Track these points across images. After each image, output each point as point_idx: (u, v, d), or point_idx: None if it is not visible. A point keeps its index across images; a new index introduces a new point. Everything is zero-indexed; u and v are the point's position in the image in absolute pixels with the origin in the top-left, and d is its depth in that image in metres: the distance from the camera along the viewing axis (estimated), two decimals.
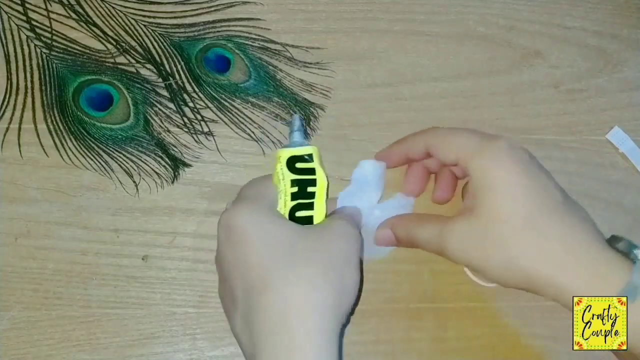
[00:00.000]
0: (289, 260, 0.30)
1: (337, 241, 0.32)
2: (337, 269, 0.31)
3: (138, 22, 0.42)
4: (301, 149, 0.35)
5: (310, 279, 0.30)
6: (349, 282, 0.31)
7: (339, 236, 0.33)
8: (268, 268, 0.30)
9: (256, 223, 0.31)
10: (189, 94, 0.41)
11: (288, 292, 0.29)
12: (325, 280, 0.30)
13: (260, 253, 0.30)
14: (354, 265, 0.32)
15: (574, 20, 0.44)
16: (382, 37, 0.43)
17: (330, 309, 0.29)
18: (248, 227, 0.31)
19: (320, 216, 0.35)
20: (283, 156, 0.34)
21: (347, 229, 0.33)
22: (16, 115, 0.40)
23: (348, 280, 0.31)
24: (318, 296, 0.29)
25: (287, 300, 0.29)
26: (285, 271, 0.30)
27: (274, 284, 0.29)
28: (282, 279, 0.29)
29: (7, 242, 0.38)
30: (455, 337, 0.39)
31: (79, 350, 0.37)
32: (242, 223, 0.31)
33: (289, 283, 0.29)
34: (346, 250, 0.32)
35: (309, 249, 0.31)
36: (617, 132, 0.42)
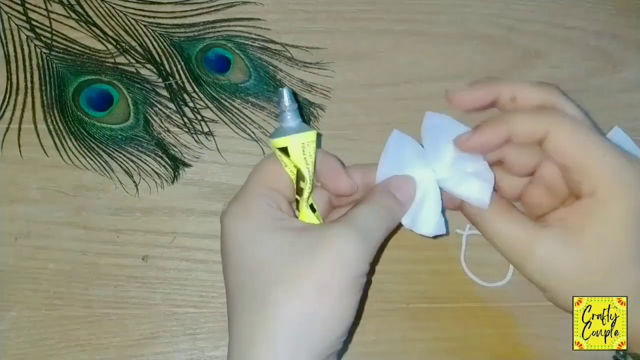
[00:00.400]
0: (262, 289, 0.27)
1: (323, 262, 0.27)
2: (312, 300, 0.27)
3: (138, 22, 0.42)
4: (277, 140, 0.30)
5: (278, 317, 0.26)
6: (330, 314, 0.27)
7: (328, 253, 0.27)
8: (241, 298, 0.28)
9: (239, 231, 0.29)
10: (189, 94, 0.41)
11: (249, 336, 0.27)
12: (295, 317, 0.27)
13: (237, 274, 0.28)
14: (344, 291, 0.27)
15: (574, 20, 0.44)
16: (382, 37, 0.43)
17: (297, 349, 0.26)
18: (232, 234, 0.29)
19: (305, 219, 0.31)
20: (272, 144, 0.31)
21: (343, 243, 0.28)
22: (16, 115, 0.40)
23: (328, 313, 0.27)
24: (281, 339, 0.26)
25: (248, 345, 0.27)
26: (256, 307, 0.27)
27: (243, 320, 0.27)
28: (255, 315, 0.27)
29: (7, 242, 0.38)
30: (455, 337, 0.39)
31: (79, 350, 0.37)
32: (229, 228, 0.29)
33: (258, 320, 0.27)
34: (333, 270, 0.27)
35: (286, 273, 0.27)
36: (617, 132, 0.42)
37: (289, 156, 0.30)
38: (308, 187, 0.30)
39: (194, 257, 0.39)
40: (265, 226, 0.29)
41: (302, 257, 0.27)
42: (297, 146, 0.30)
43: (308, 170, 0.30)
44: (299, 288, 0.27)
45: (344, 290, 0.27)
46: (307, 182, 0.30)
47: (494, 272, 0.39)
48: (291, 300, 0.27)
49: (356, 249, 0.28)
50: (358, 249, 0.28)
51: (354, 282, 0.28)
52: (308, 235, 0.28)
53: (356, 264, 0.28)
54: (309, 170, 0.30)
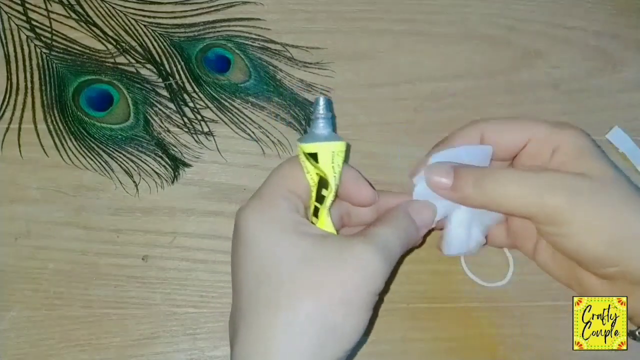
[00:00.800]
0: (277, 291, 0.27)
1: (347, 274, 0.27)
2: (336, 309, 0.27)
3: (138, 22, 0.42)
4: (307, 145, 0.30)
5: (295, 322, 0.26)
6: (349, 327, 0.27)
7: (353, 267, 0.27)
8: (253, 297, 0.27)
9: (259, 231, 0.28)
10: (189, 94, 0.41)
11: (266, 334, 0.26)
12: (314, 325, 0.26)
13: (251, 272, 0.28)
14: (362, 306, 0.27)
15: (574, 20, 0.44)
16: (382, 37, 0.43)
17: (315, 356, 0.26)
18: (250, 233, 0.28)
19: (323, 227, 0.31)
20: (300, 150, 0.31)
21: (369, 259, 0.27)
22: (16, 115, 0.40)
23: (348, 325, 0.27)
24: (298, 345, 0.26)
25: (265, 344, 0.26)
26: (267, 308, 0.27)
27: (253, 321, 0.27)
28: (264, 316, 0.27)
29: (7, 242, 0.38)
30: (455, 337, 0.39)
31: (79, 350, 0.37)
32: (247, 226, 0.29)
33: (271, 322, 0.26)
34: (357, 285, 0.27)
35: (306, 279, 0.27)
36: (617, 132, 0.42)
37: (317, 162, 0.30)
38: (332, 196, 0.30)
39: (194, 257, 0.39)
40: (287, 227, 0.28)
41: (327, 265, 0.27)
42: (327, 154, 0.30)
43: (334, 179, 0.30)
44: (326, 296, 0.27)
45: (364, 305, 0.27)
46: (332, 191, 0.30)
47: (494, 272, 0.39)
48: (316, 306, 0.26)
49: (380, 265, 0.28)
50: (381, 266, 0.28)
51: (373, 298, 0.28)
52: (332, 245, 0.28)
53: (377, 280, 0.28)
54: (335, 179, 0.30)
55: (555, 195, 0.29)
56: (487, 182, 0.30)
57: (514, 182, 0.30)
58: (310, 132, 0.31)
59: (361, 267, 0.27)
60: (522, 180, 0.30)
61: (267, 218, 0.29)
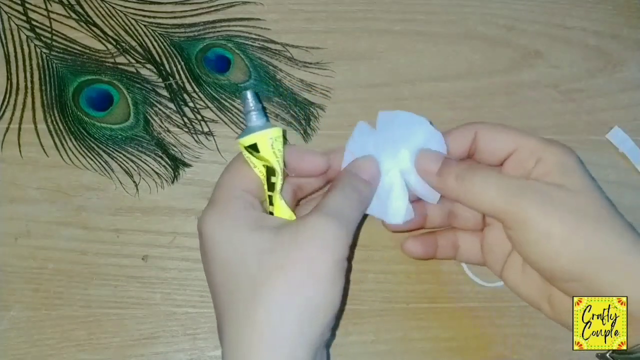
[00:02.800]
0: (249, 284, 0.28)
1: (307, 249, 0.28)
2: (305, 287, 0.27)
3: (138, 22, 0.42)
4: (245, 139, 0.31)
5: (272, 307, 0.27)
6: (323, 300, 0.28)
7: (310, 241, 0.28)
8: (230, 296, 0.28)
9: (220, 235, 0.29)
10: (189, 94, 0.41)
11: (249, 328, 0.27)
12: (290, 304, 0.27)
13: (223, 274, 0.29)
14: (330, 276, 0.28)
15: (574, 20, 0.44)
16: (382, 37, 0.43)
17: (299, 336, 0.27)
18: (212, 239, 0.29)
19: (280, 214, 0.32)
20: (241, 147, 0.32)
21: (323, 229, 0.28)
22: (16, 115, 0.40)
23: (321, 298, 0.28)
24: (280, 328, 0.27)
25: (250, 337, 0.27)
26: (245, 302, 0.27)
27: (234, 318, 0.28)
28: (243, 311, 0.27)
29: (7, 242, 0.38)
30: (455, 337, 0.39)
31: (79, 350, 0.37)
32: (208, 233, 0.30)
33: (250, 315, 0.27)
34: (318, 257, 0.28)
35: (272, 265, 0.28)
36: (617, 132, 0.42)
37: (258, 152, 0.31)
38: (280, 180, 0.31)
39: (194, 257, 0.39)
40: (243, 226, 0.29)
41: (287, 248, 0.28)
42: (266, 142, 0.31)
43: (278, 163, 0.31)
44: (291, 274, 0.27)
45: (328, 276, 0.28)
46: (279, 175, 0.31)
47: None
48: (286, 289, 0.27)
49: (336, 233, 0.28)
50: (338, 233, 0.28)
51: (339, 266, 0.28)
52: (289, 229, 0.29)
53: (338, 247, 0.28)
54: (279, 163, 0.31)
55: (527, 200, 0.30)
56: (468, 177, 0.31)
57: (492, 182, 0.31)
58: (247, 127, 0.32)
59: (318, 239, 0.28)
60: (499, 181, 0.31)
61: (224, 221, 0.30)
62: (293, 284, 0.27)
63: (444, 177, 0.32)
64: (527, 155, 0.32)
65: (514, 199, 0.30)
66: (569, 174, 0.31)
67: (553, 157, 0.32)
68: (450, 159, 0.33)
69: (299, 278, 0.27)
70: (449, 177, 0.32)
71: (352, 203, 0.31)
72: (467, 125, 0.34)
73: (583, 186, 0.31)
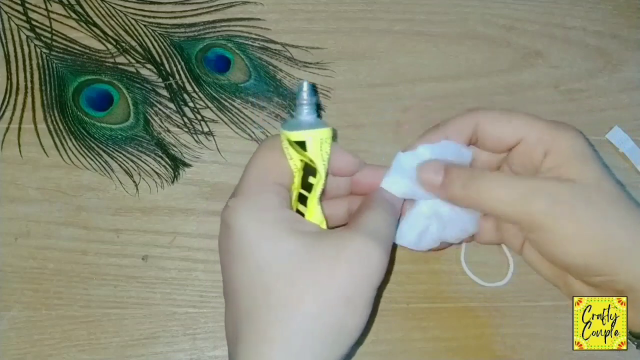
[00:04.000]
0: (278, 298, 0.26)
1: (349, 268, 0.26)
2: (338, 308, 0.26)
3: (138, 22, 0.42)
4: (295, 134, 0.29)
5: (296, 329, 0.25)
6: (352, 324, 0.26)
7: (352, 261, 0.26)
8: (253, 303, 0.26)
9: (251, 231, 0.27)
10: (189, 94, 0.41)
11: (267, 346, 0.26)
12: (317, 328, 0.26)
13: (250, 278, 0.27)
14: (364, 301, 0.27)
15: (574, 20, 0.44)
16: (382, 37, 0.43)
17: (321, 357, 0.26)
18: (242, 235, 0.27)
19: (312, 217, 0.30)
20: (283, 137, 0.30)
21: (367, 251, 0.27)
22: (16, 115, 0.40)
23: (351, 322, 0.26)
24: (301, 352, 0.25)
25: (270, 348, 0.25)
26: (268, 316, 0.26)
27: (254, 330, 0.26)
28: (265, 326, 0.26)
29: (7, 242, 0.38)
30: (455, 337, 0.39)
31: (79, 350, 0.37)
32: (237, 227, 0.27)
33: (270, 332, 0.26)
34: (358, 281, 0.26)
35: (307, 279, 0.26)
36: (617, 132, 0.42)
37: (305, 151, 0.29)
38: (322, 184, 0.29)
39: (194, 257, 0.39)
40: (281, 227, 0.27)
41: (325, 264, 0.26)
42: (316, 142, 0.28)
43: (324, 166, 0.29)
44: (325, 296, 0.26)
45: (365, 301, 0.27)
46: (322, 178, 0.29)
47: (494, 272, 0.39)
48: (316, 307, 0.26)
49: (379, 256, 0.27)
50: (381, 257, 0.27)
51: (373, 292, 0.27)
52: (328, 241, 0.27)
53: (378, 272, 0.27)
54: (324, 167, 0.29)
55: (537, 202, 0.29)
56: (474, 185, 0.31)
57: (500, 186, 0.30)
58: (295, 118, 0.30)
59: (361, 262, 0.27)
60: (507, 185, 0.30)
61: (261, 217, 0.27)
62: (326, 305, 0.26)
63: (450, 188, 0.31)
64: (534, 145, 0.31)
65: (524, 204, 0.29)
66: (579, 165, 0.30)
67: (562, 148, 0.31)
68: (451, 166, 0.32)
69: (330, 302, 0.26)
70: (454, 188, 0.31)
71: (390, 224, 0.30)
72: (467, 114, 0.33)
73: (594, 177, 0.30)
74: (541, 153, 0.31)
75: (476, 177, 0.31)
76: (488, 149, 0.34)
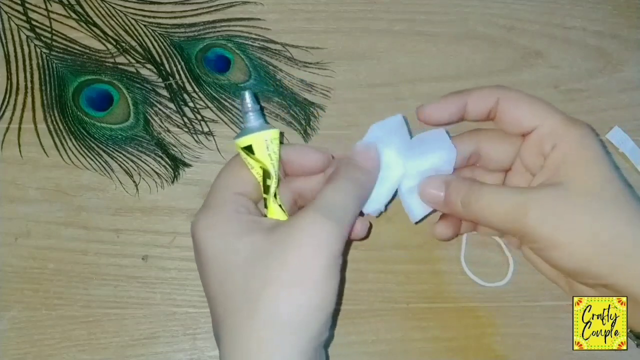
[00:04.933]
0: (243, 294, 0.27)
1: (298, 247, 0.27)
2: (295, 289, 0.27)
3: (138, 22, 0.42)
4: (242, 139, 0.31)
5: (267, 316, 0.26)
6: (318, 301, 0.27)
7: (302, 241, 0.27)
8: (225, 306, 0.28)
9: (212, 241, 0.29)
10: (189, 94, 0.41)
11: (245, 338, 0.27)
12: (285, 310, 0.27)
13: (216, 284, 0.28)
14: (324, 277, 0.27)
15: (574, 20, 0.44)
16: (382, 37, 0.43)
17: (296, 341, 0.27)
18: (205, 244, 0.29)
19: (273, 215, 0.31)
20: (237, 147, 0.32)
21: (316, 228, 0.27)
22: (16, 115, 0.40)
23: (316, 299, 0.27)
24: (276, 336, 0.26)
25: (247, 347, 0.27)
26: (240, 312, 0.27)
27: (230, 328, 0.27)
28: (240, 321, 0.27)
29: (7, 242, 0.38)
30: (455, 337, 0.39)
31: (79, 350, 0.37)
32: (200, 239, 0.29)
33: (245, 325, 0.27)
34: (312, 259, 0.27)
35: (264, 271, 0.27)
36: (617, 132, 0.42)
37: (253, 154, 0.31)
38: (274, 183, 0.31)
39: (194, 257, 0.39)
40: (236, 231, 0.29)
41: (276, 252, 0.27)
42: (261, 143, 0.31)
43: (272, 166, 0.31)
44: (285, 278, 0.27)
45: (322, 276, 0.27)
46: (273, 178, 0.31)
47: (494, 272, 0.39)
48: (280, 292, 0.27)
49: (327, 231, 0.28)
50: (329, 231, 0.28)
51: (331, 265, 0.28)
52: (279, 231, 0.28)
53: (329, 247, 0.28)
54: (274, 166, 0.31)
55: (529, 214, 0.30)
56: (473, 202, 0.31)
57: (496, 202, 0.31)
58: (244, 127, 0.32)
59: (308, 240, 0.27)
60: (500, 199, 0.31)
61: (216, 227, 0.29)
62: (287, 288, 0.27)
63: (450, 205, 0.32)
64: (545, 136, 0.32)
65: (517, 217, 0.30)
66: (582, 165, 0.30)
67: (569, 144, 0.31)
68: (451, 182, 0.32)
69: (293, 281, 0.27)
70: (455, 206, 0.32)
71: (348, 195, 0.30)
72: (489, 89, 0.33)
73: (596, 179, 0.30)
74: (550, 145, 0.31)
75: (473, 193, 0.31)
76: (503, 128, 0.34)
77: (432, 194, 0.33)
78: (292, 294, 0.27)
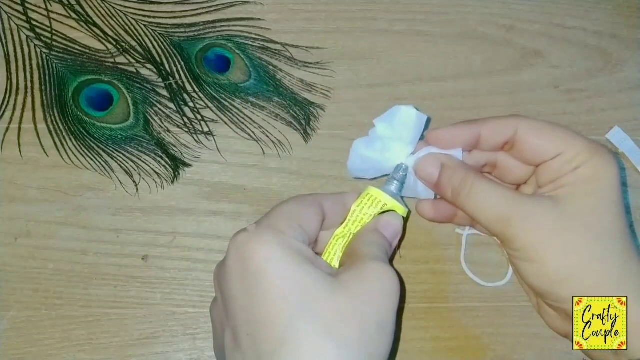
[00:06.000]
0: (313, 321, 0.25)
1: (376, 298, 0.27)
2: (370, 336, 0.26)
3: (138, 22, 0.42)
4: (391, 203, 0.32)
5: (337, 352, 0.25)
6: (381, 349, 0.27)
7: (377, 290, 0.27)
8: (287, 327, 0.25)
9: (281, 264, 0.26)
10: (189, 94, 0.41)
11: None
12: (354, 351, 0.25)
13: (281, 306, 0.25)
14: (390, 327, 0.27)
15: (574, 20, 0.44)
16: (382, 37, 0.43)
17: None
18: (270, 267, 0.26)
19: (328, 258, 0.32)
20: (374, 192, 0.32)
21: (387, 279, 0.27)
22: (16, 115, 0.40)
23: (381, 347, 0.26)
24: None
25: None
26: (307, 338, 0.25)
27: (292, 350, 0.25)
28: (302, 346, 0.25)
29: (7, 242, 0.38)
30: (455, 337, 0.39)
31: (79, 350, 0.37)
32: (263, 261, 0.26)
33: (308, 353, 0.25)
34: (385, 308, 0.27)
35: (339, 308, 0.26)
36: (617, 132, 0.42)
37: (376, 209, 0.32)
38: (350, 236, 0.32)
39: (194, 257, 0.39)
40: (303, 259, 0.27)
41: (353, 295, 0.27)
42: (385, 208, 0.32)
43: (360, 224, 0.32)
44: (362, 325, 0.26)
45: (393, 325, 0.27)
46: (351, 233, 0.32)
47: (494, 272, 0.39)
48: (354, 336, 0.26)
49: (396, 282, 0.28)
50: (396, 282, 0.28)
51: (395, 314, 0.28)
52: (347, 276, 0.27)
53: (397, 297, 0.28)
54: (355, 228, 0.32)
55: (513, 217, 0.29)
56: (463, 194, 0.31)
57: (486, 202, 0.30)
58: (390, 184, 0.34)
59: (383, 288, 0.27)
60: (493, 202, 0.30)
61: (285, 251, 0.27)
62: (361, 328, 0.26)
63: (442, 189, 0.32)
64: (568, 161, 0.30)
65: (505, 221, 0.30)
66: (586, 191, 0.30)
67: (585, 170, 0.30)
68: (446, 168, 0.32)
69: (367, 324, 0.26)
70: (445, 191, 0.32)
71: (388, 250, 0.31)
72: (508, 118, 0.32)
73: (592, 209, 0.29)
74: (570, 169, 0.30)
75: (467, 183, 0.31)
76: (522, 159, 0.33)
77: (427, 172, 0.32)
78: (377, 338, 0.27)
